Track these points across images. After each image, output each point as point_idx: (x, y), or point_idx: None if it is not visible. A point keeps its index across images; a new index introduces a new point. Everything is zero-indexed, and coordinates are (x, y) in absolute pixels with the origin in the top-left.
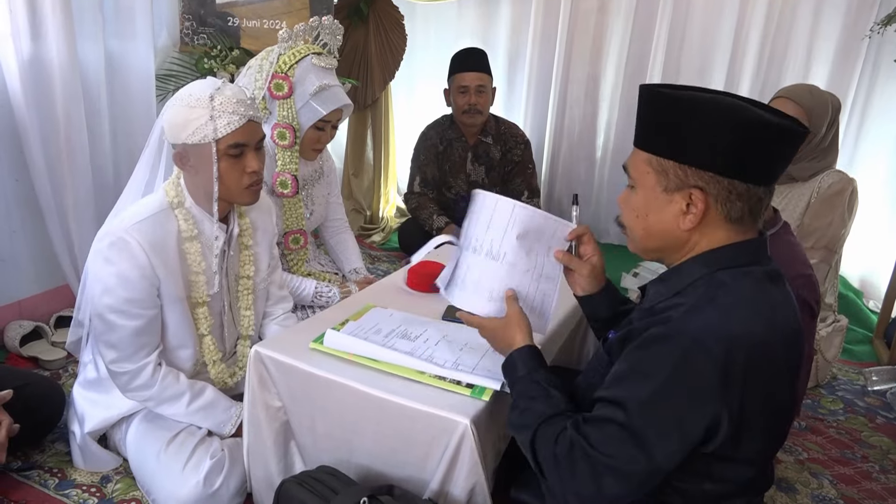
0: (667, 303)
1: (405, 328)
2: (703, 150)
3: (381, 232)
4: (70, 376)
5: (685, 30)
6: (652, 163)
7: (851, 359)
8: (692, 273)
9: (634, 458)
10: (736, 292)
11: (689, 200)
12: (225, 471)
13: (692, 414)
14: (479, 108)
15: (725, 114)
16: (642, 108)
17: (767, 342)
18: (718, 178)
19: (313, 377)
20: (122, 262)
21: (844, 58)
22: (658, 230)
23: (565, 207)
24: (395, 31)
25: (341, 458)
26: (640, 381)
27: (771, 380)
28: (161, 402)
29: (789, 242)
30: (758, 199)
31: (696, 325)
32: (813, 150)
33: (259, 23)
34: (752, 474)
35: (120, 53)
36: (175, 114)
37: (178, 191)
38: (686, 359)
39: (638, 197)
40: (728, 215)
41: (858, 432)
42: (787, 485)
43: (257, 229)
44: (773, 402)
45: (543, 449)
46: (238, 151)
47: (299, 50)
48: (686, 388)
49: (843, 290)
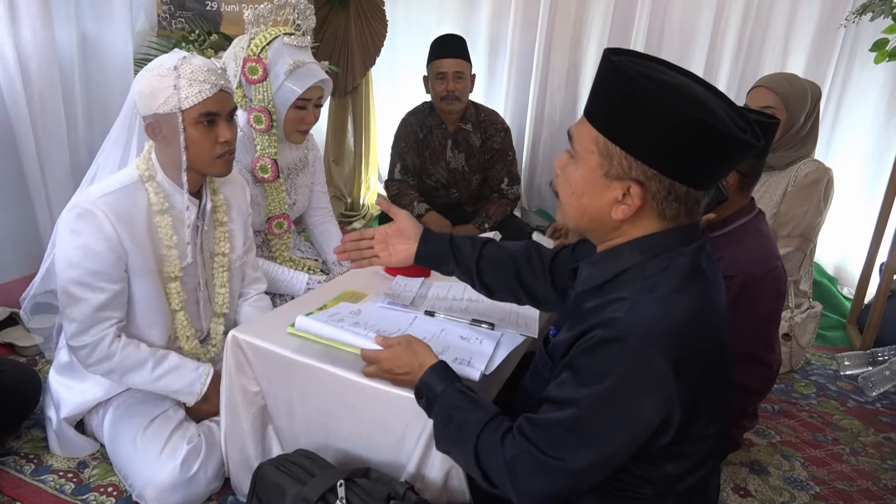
0: (604, 296)
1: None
2: (650, 144)
3: (361, 219)
4: (46, 362)
5: (665, 18)
6: (598, 143)
7: (825, 344)
8: (628, 259)
9: (587, 458)
10: (673, 279)
11: (627, 192)
12: (202, 456)
13: (646, 412)
14: (456, 95)
15: (679, 113)
16: (599, 77)
17: (707, 325)
18: (660, 176)
19: (291, 362)
20: (88, 234)
21: (821, 47)
22: (591, 213)
23: (545, 194)
24: (376, 16)
25: (319, 441)
26: (591, 382)
27: (716, 362)
28: (125, 373)
29: (761, 232)
30: (695, 201)
31: (642, 322)
32: (791, 139)
33: (238, 7)
34: (709, 447)
35: (96, 37)
36: (145, 84)
37: (148, 164)
38: (637, 359)
39: (577, 174)
40: (662, 213)
41: (830, 415)
42: (759, 467)
43: (231, 206)
44: (719, 382)
45: (490, 459)
46: (209, 119)
47: (270, 31)
48: (639, 388)
49: (817, 277)
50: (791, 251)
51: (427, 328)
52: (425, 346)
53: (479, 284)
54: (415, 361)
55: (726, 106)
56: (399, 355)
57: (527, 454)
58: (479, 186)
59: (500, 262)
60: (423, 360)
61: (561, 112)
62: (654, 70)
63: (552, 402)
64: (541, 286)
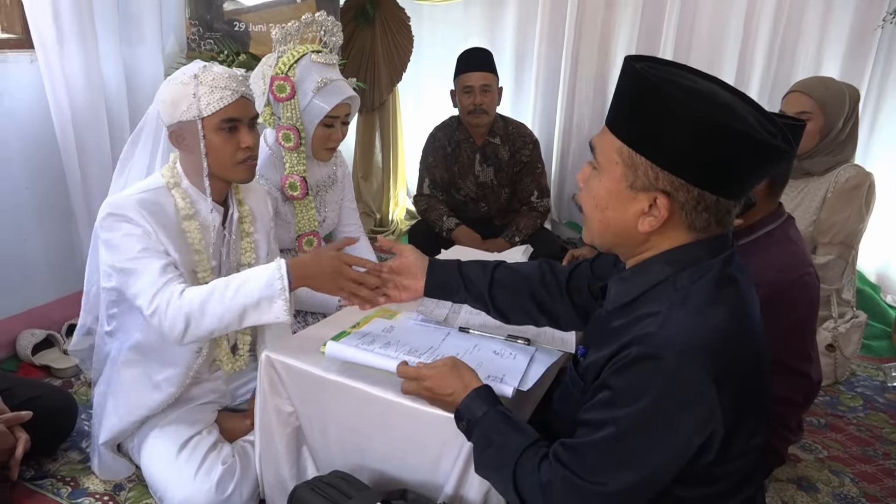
0: (635, 312)
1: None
2: (677, 153)
3: (391, 235)
4: (83, 384)
5: (694, 24)
6: (623, 153)
7: (870, 354)
8: (658, 273)
9: (626, 481)
10: (706, 290)
11: (653, 203)
12: (237, 477)
13: (686, 429)
14: (484, 108)
15: (707, 119)
16: (621, 85)
17: (744, 334)
18: (688, 186)
19: (324, 381)
20: (125, 226)
21: (856, 50)
22: (616, 226)
23: (575, 207)
24: (402, 32)
25: (354, 462)
26: (627, 403)
27: (754, 372)
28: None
29: (790, 238)
30: (727, 211)
31: (677, 336)
32: (830, 143)
33: (266, 26)
34: (750, 467)
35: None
36: (167, 93)
37: (174, 172)
38: (675, 375)
39: (601, 185)
40: (692, 224)
41: (879, 429)
42: (807, 483)
43: (256, 217)
44: (758, 393)
45: (527, 482)
46: (231, 125)
47: (298, 49)
48: (678, 405)
49: (860, 286)
50: (832, 259)
51: (460, 344)
52: (471, 369)
53: (493, 310)
54: (459, 384)
55: (755, 111)
56: (445, 375)
57: (563, 479)
58: (508, 200)
59: (514, 285)
60: (469, 383)
61: (589, 123)
62: (679, 76)
63: (588, 425)
64: (558, 306)
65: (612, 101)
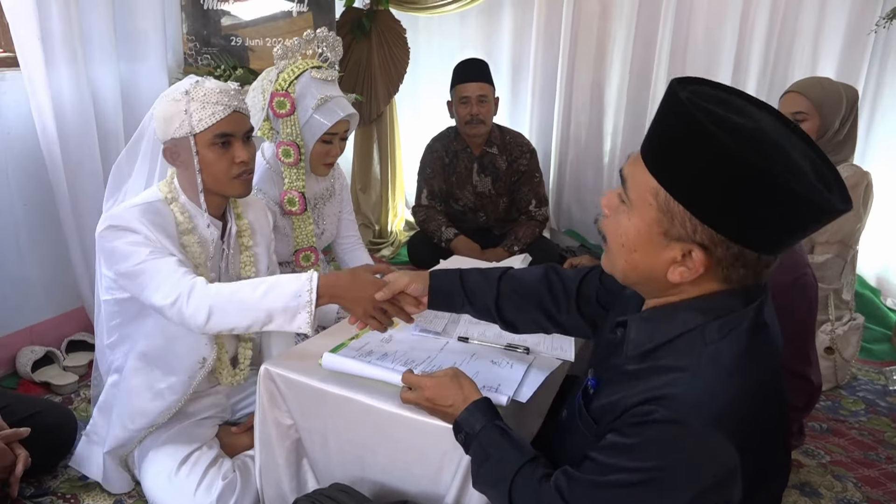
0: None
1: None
2: (717, 205)
3: (390, 246)
4: (82, 400)
5: (689, 31)
6: (658, 196)
7: (870, 358)
8: (685, 322)
9: None
10: (737, 345)
11: (688, 254)
12: (237, 491)
13: (704, 491)
14: (480, 118)
15: (754, 171)
16: (661, 112)
17: (771, 391)
18: (729, 242)
19: (323, 393)
20: (130, 235)
21: (851, 52)
22: (643, 270)
23: (574, 215)
24: (398, 44)
25: (354, 474)
26: (643, 458)
27: (775, 432)
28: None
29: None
30: (766, 265)
31: (705, 405)
32: (826, 144)
33: (262, 41)
34: None
35: (130, 76)
36: (162, 110)
37: (171, 188)
38: (698, 443)
39: (630, 225)
40: (727, 277)
41: (881, 433)
42: (810, 489)
43: (255, 231)
44: (778, 455)
45: (523, 502)
46: (224, 140)
47: (298, 66)
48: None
49: (859, 289)
50: (830, 258)
51: (458, 354)
52: (471, 381)
53: (501, 322)
54: (459, 395)
55: (810, 150)
56: (445, 385)
57: None
58: (506, 209)
59: (521, 296)
60: (469, 395)
61: (586, 131)
62: (726, 107)
63: (596, 463)
64: (566, 315)
65: (651, 127)
